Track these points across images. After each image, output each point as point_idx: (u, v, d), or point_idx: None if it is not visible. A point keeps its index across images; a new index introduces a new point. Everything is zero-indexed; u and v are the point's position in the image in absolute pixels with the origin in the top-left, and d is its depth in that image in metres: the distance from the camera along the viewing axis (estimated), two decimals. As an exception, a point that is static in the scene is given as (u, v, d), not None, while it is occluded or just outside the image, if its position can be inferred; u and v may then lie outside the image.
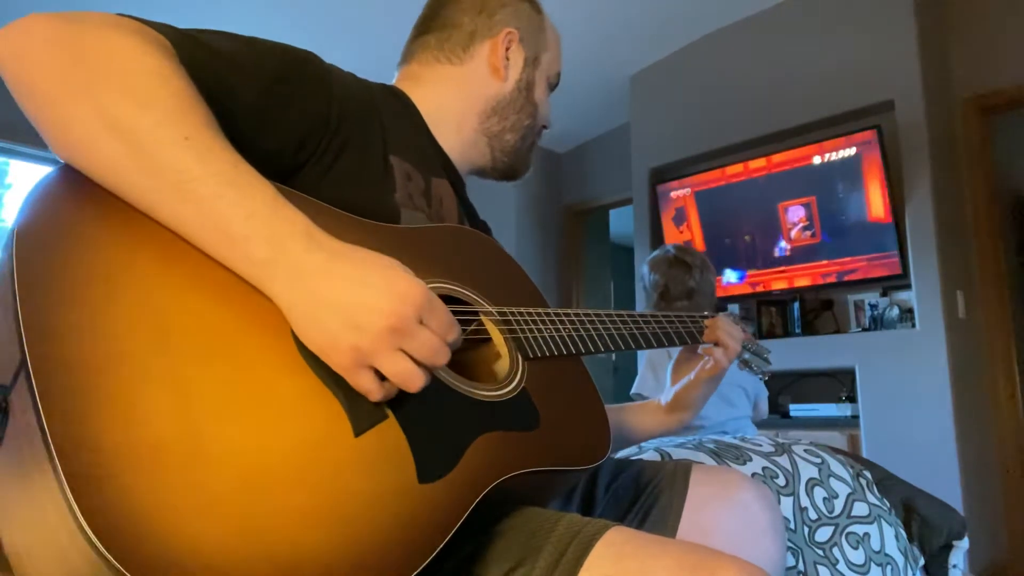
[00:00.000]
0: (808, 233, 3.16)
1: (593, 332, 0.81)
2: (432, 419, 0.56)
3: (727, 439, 1.42)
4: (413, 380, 0.52)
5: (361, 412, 0.51)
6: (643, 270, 2.00)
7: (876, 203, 2.96)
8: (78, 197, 0.51)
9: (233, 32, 0.68)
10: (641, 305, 3.72)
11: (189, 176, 0.50)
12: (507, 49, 0.92)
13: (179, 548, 0.40)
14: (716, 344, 0.99)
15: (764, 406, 2.05)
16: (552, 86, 0.98)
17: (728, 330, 0.99)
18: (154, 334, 0.47)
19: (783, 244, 3.25)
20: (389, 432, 0.52)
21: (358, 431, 0.50)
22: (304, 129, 0.69)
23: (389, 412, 0.53)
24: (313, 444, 0.48)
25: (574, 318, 0.80)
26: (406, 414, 0.54)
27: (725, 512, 0.82)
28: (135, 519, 0.39)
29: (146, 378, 0.45)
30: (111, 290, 0.47)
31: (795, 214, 3.21)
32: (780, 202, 3.24)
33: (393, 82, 0.92)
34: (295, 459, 0.47)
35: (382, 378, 0.52)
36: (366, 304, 0.50)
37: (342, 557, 0.44)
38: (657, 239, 3.69)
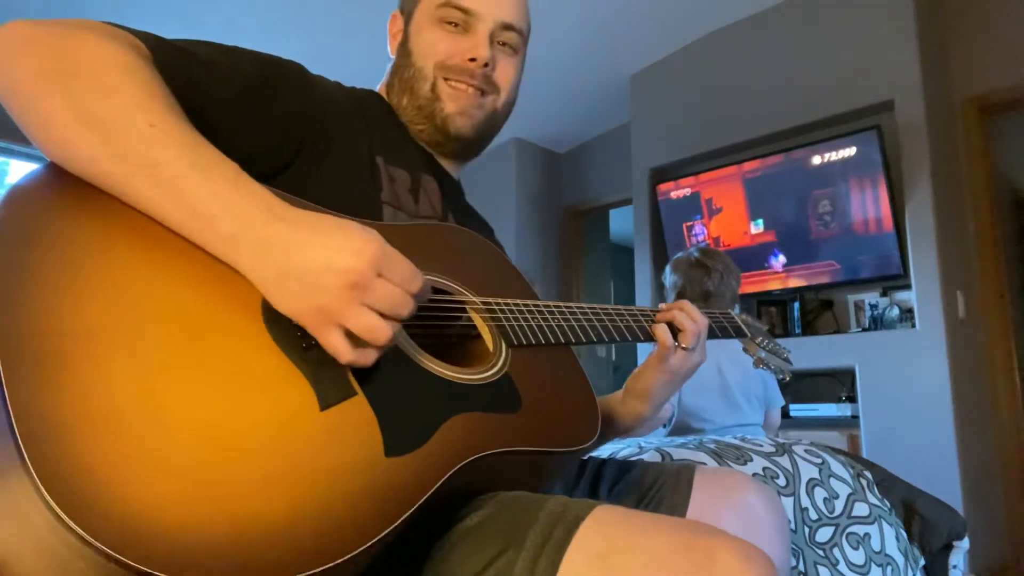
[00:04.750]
0: (808, 233, 3.16)
1: (585, 322, 0.81)
2: (404, 398, 0.58)
3: (728, 439, 1.42)
4: (378, 333, 0.53)
5: (327, 387, 0.53)
6: (666, 270, 2.00)
7: (876, 203, 2.96)
8: (55, 188, 0.54)
9: (219, 42, 0.71)
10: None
11: (155, 160, 0.52)
12: (392, 23, 0.92)
13: (134, 508, 0.41)
14: (672, 325, 0.88)
15: (775, 416, 2.03)
16: (450, 19, 0.84)
17: (687, 311, 0.88)
18: (124, 314, 0.49)
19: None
20: (357, 408, 0.54)
21: (324, 405, 0.52)
22: (283, 130, 0.71)
23: (358, 389, 0.55)
24: (278, 417, 0.50)
25: (564, 310, 0.80)
26: (377, 392, 0.56)
27: (729, 514, 0.81)
28: (92, 482, 0.41)
29: (112, 352, 0.47)
30: (83, 271, 0.49)
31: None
32: (779, 202, 3.24)
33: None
34: (258, 430, 0.48)
35: (356, 343, 0.53)
36: (324, 266, 0.52)
37: (305, 521, 0.46)
38: (657, 239, 3.70)
